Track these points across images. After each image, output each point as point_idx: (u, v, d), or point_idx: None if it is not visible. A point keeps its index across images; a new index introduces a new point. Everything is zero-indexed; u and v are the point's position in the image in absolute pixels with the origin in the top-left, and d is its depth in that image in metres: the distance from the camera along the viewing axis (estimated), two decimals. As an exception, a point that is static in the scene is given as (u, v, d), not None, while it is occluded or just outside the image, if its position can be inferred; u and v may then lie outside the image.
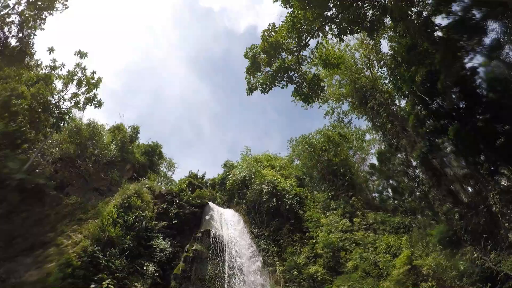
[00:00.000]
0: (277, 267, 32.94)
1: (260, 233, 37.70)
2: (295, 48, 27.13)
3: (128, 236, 30.76)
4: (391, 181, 41.49)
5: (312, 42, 45.45)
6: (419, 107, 28.13)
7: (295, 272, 31.83)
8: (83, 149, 39.62)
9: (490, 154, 23.56)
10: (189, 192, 40.98)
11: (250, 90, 27.59)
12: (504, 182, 23.13)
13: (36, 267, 25.15)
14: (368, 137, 55.66)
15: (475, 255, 22.12)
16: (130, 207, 33.60)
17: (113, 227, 29.84)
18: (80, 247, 27.31)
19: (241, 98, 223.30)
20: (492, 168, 23.28)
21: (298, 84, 27.60)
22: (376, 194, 44.77)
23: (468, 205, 24.86)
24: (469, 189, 26.33)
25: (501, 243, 21.76)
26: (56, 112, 34.64)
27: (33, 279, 24.02)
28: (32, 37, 31.41)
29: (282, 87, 27.38)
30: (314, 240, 34.17)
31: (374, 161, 49.95)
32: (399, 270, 26.31)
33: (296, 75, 27.55)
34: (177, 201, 39.05)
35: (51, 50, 33.70)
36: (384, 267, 28.59)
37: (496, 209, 21.85)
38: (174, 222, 36.26)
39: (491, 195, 22.32)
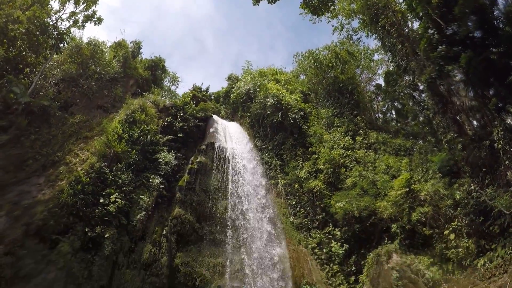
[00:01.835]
0: (279, 180, 34.39)
1: (264, 146, 38.54)
2: (305, -44, 24.98)
3: (134, 151, 32.07)
4: (396, 103, 40.61)
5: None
6: (432, 31, 26.50)
7: (296, 186, 33.26)
8: (85, 68, 39.71)
9: (499, 89, 22.89)
10: (193, 105, 41.31)
11: (257, 0, 26.11)
12: (509, 121, 22.52)
13: (48, 186, 26.88)
14: (376, 57, 53.44)
15: (472, 187, 22.25)
16: (134, 122, 34.36)
17: (119, 142, 30.97)
18: (88, 164, 28.77)
19: (245, 11, 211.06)
20: (500, 105, 22.59)
21: (307, -6, 25.90)
22: (380, 115, 44.06)
23: (471, 137, 24.45)
24: (474, 122, 25.72)
25: (498, 180, 21.77)
26: (55, 33, 34.21)
27: (46, 198, 25.87)
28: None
29: (291, -3, 25.83)
30: (316, 156, 34.72)
31: (381, 81, 49.16)
32: (397, 191, 26.77)
33: (305, -15, 25.72)
34: (181, 114, 39.52)
35: (43, -31, 32.15)
36: (382, 187, 29.11)
37: (499, 146, 21.58)
38: (178, 135, 37.27)
39: (496, 131, 21.89)
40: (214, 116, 42.31)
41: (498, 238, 20.07)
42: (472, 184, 22.58)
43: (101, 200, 27.42)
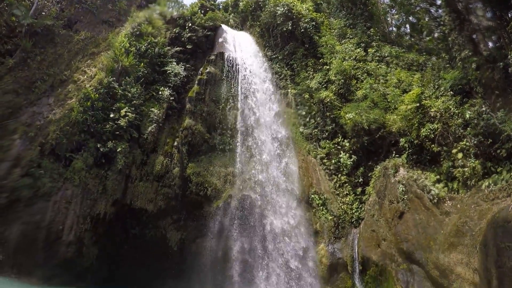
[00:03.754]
0: (289, 90, 34.07)
1: (274, 56, 37.44)
2: None
3: (142, 64, 32.26)
4: (411, 18, 37.44)
5: None
6: None
7: (307, 96, 32.90)
8: (86, -18, 37.62)
9: (518, 12, 21.13)
10: (201, 15, 39.35)
11: None
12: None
13: (58, 106, 27.87)
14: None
15: (483, 109, 21.48)
16: (141, 35, 33.93)
17: (126, 56, 31.11)
18: (96, 80, 29.39)
19: None
20: (517, 29, 21.02)
21: None
22: (394, 29, 40.61)
23: (486, 58, 22.97)
24: (490, 44, 23.97)
25: (510, 104, 21.05)
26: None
27: (57, 117, 27.13)
28: None
29: None
30: (328, 67, 33.51)
31: (397, -8, 44.18)
32: (407, 106, 26.01)
33: None
34: (190, 25, 38.07)
35: None
36: (392, 101, 28.30)
37: (513, 69, 20.59)
38: (187, 46, 36.43)
39: (511, 54, 20.65)
40: (223, 26, 40.72)
41: (505, 162, 19.82)
42: (483, 106, 21.75)
43: (112, 115, 28.50)
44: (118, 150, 27.32)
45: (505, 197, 18.42)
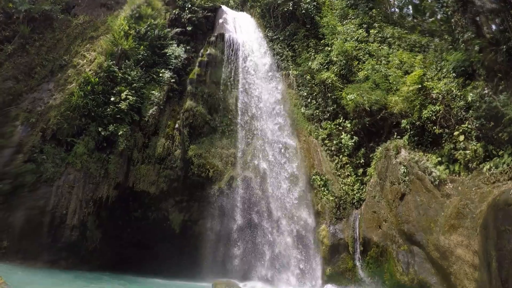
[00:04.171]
0: (290, 71, 33.71)
1: (275, 37, 36.91)
2: None
3: (141, 47, 31.99)
4: None
5: None
6: None
7: (308, 77, 32.59)
8: (84, -35, 37.01)
9: (522, -4, 20.86)
10: None
11: None
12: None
13: (58, 91, 27.93)
14: None
15: (486, 92, 21.40)
16: (140, 17, 33.53)
17: (125, 39, 30.84)
18: (96, 64, 29.37)
19: None
20: (521, 12, 20.80)
21: None
22: (396, 10, 39.80)
23: (489, 40, 22.70)
24: (493, 26, 23.67)
25: None
26: None
27: (58, 102, 27.30)
28: None
29: None
30: (329, 48, 33.08)
31: (399, -27, 42.96)
32: (409, 87, 25.73)
33: None
34: (189, 6, 37.25)
35: None
36: (394, 82, 27.99)
37: (517, 53, 20.41)
38: (187, 28, 35.88)
39: None
40: (223, 7, 39.97)
41: (506, 146, 19.77)
42: (486, 88, 21.59)
43: (112, 99, 28.49)
44: (119, 134, 27.43)
45: (506, 180, 18.45)
